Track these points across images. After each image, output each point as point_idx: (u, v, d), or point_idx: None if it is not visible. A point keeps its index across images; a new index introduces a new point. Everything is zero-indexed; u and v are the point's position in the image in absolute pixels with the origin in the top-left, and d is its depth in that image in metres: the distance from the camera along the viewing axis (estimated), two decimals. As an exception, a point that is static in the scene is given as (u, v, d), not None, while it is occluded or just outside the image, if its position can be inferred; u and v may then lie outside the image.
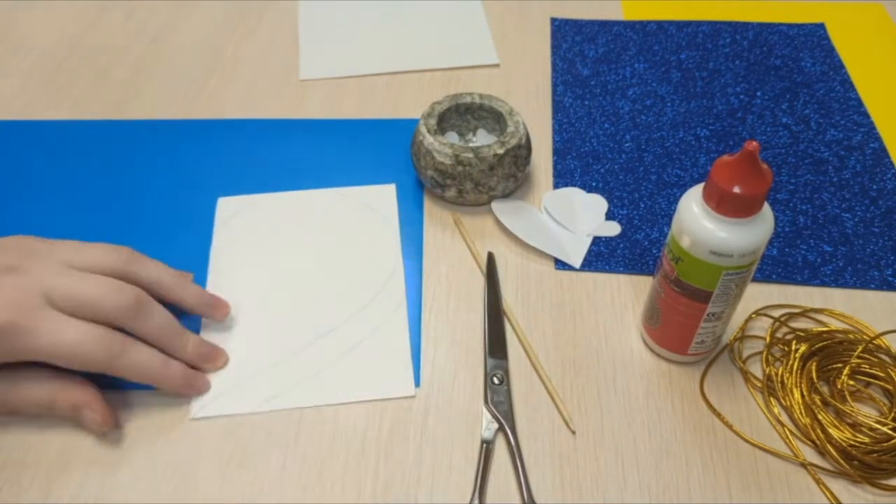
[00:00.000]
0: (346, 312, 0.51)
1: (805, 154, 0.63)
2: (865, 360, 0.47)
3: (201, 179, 0.60)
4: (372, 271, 0.53)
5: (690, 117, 0.66)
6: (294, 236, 0.56)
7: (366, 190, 0.59)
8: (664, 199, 0.59)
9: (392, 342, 0.49)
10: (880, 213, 0.58)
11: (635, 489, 0.43)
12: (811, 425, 0.44)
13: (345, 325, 0.50)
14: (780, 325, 0.50)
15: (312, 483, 0.43)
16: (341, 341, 0.49)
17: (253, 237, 0.56)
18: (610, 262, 0.54)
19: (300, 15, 0.77)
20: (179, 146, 0.63)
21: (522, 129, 0.57)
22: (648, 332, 0.49)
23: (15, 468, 0.43)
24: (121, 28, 0.75)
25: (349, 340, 0.49)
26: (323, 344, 0.49)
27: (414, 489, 0.43)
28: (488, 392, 0.46)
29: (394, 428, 0.45)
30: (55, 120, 0.65)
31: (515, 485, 0.43)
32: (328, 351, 0.49)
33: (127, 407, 0.46)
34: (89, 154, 0.62)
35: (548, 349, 0.49)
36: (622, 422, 0.46)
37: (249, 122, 0.65)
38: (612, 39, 0.74)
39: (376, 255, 0.54)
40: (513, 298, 0.52)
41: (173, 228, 0.56)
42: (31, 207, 0.58)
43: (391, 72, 0.70)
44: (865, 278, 0.54)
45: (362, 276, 0.53)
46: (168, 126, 0.65)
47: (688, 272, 0.42)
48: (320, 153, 0.62)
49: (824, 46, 0.73)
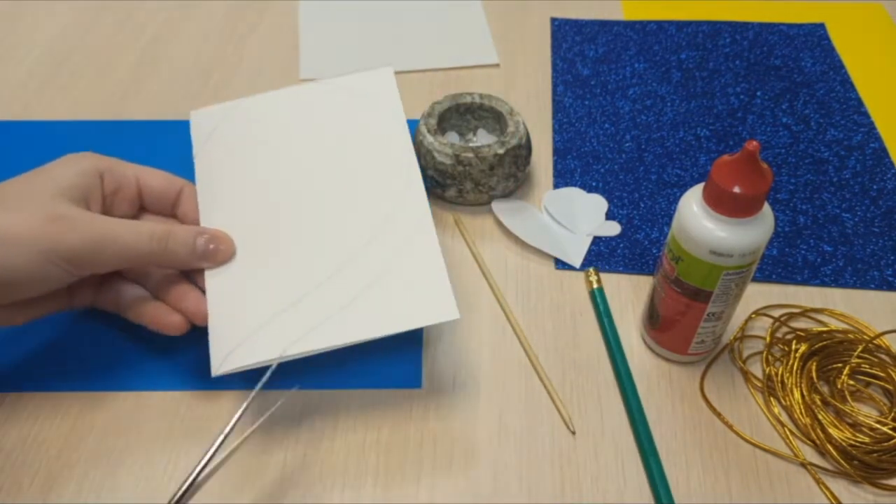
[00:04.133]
0: (366, 233, 0.44)
1: (805, 154, 0.63)
2: (865, 360, 0.47)
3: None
4: (386, 179, 0.46)
5: (690, 117, 0.66)
6: (288, 147, 0.49)
7: (360, 78, 0.51)
8: (664, 199, 0.59)
9: (423, 263, 0.43)
10: (880, 213, 0.58)
11: (635, 489, 0.43)
12: (811, 425, 0.44)
13: (367, 248, 0.44)
14: (780, 325, 0.50)
15: (312, 483, 0.43)
16: (365, 268, 0.43)
17: (240, 156, 0.49)
18: (610, 262, 0.54)
19: (300, 14, 0.77)
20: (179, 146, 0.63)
21: (522, 129, 0.57)
22: (648, 332, 0.49)
23: (15, 468, 0.43)
24: (121, 28, 0.75)
25: (374, 266, 0.43)
26: (345, 273, 0.43)
27: (414, 489, 0.43)
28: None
29: (394, 428, 0.45)
30: (55, 120, 0.65)
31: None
32: (352, 280, 0.43)
33: (127, 407, 0.46)
34: (89, 154, 0.62)
35: (548, 349, 0.49)
36: (622, 422, 0.46)
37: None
38: (612, 39, 0.74)
39: (386, 157, 0.47)
40: (513, 298, 0.52)
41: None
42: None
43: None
44: (865, 278, 0.53)
45: (376, 185, 0.46)
46: (168, 126, 0.65)
47: (688, 272, 0.42)
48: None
49: (824, 46, 0.73)
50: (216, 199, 0.47)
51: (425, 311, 0.41)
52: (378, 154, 0.48)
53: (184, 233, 0.44)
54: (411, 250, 0.43)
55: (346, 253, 0.44)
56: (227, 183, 0.48)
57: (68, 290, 0.45)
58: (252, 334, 0.41)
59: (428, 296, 0.42)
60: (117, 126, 0.65)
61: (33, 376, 0.47)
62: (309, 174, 0.48)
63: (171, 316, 0.44)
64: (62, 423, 0.45)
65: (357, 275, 0.43)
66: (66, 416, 0.45)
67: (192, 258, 0.44)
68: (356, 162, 0.48)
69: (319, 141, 0.49)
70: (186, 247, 0.43)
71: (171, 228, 0.43)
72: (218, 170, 0.49)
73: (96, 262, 0.41)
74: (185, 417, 0.45)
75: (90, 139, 0.63)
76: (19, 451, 0.44)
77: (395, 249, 0.44)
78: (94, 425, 0.45)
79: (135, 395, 0.46)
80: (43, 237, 0.38)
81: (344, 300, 0.42)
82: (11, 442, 0.44)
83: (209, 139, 0.50)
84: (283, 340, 0.41)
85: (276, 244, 0.45)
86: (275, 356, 0.41)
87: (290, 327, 0.41)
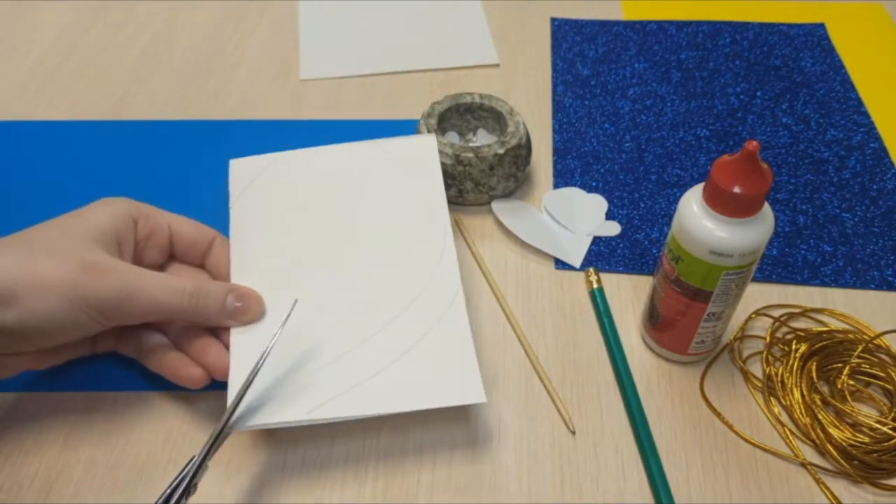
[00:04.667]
0: (398, 303, 0.44)
1: (805, 154, 0.63)
2: (865, 360, 0.47)
3: (201, 180, 0.60)
4: (421, 249, 0.46)
5: (690, 117, 0.66)
6: (326, 207, 0.48)
7: (403, 142, 0.51)
8: (664, 199, 0.59)
9: (453, 341, 0.43)
10: (880, 213, 0.58)
11: (635, 489, 0.43)
12: (811, 425, 0.44)
13: (397, 319, 0.44)
14: (780, 325, 0.50)
15: (312, 483, 0.43)
16: (395, 339, 0.43)
17: (278, 211, 0.48)
18: (610, 261, 0.54)
19: (300, 15, 0.77)
20: (179, 146, 0.63)
21: (522, 129, 0.57)
22: (648, 331, 0.49)
23: (15, 468, 0.43)
24: (121, 28, 0.75)
25: (405, 338, 0.43)
26: (374, 343, 0.43)
27: (414, 489, 0.43)
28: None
29: (394, 428, 0.45)
30: (55, 120, 0.65)
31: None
32: (381, 351, 0.42)
33: (127, 407, 0.46)
34: (89, 154, 0.62)
35: (548, 349, 0.49)
36: (622, 422, 0.46)
37: (249, 122, 0.65)
38: (612, 39, 0.74)
39: (422, 226, 0.47)
40: (513, 298, 0.52)
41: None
42: (31, 207, 0.57)
43: (391, 72, 0.70)
44: (865, 278, 0.53)
45: (411, 255, 0.46)
46: (168, 126, 0.65)
47: (688, 272, 0.42)
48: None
49: (824, 46, 0.73)
50: (249, 254, 0.46)
51: (452, 392, 0.41)
52: (415, 222, 0.48)
53: (216, 291, 0.43)
54: (441, 327, 0.43)
55: (377, 322, 0.43)
56: (261, 238, 0.47)
57: (92, 337, 0.44)
58: (276, 397, 0.41)
59: (456, 376, 0.42)
60: (117, 126, 0.65)
61: (34, 376, 0.47)
62: (345, 237, 0.47)
63: (192, 368, 0.43)
64: (62, 423, 0.45)
65: (386, 346, 0.43)
66: (67, 416, 0.45)
67: (221, 317, 0.43)
68: (392, 229, 0.47)
69: (358, 202, 0.48)
70: (217, 305, 0.42)
71: (203, 286, 0.42)
72: (253, 223, 0.48)
73: (126, 314, 0.40)
74: (185, 417, 0.45)
75: (90, 139, 0.63)
76: (19, 451, 0.44)
77: (426, 324, 0.43)
78: (93, 425, 0.45)
79: (135, 395, 0.46)
80: (74, 285, 0.38)
81: (372, 370, 0.42)
82: (11, 442, 0.44)
83: (247, 190, 0.49)
84: (307, 404, 0.40)
85: (306, 306, 0.43)
86: (299, 418, 0.40)
87: (315, 392, 0.41)
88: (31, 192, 0.59)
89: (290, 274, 0.46)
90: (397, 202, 0.49)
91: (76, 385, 0.47)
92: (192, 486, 0.37)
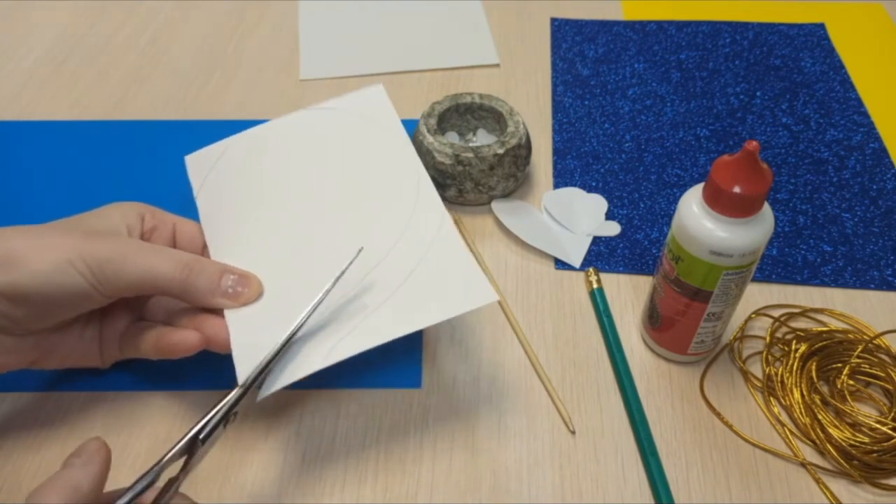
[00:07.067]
0: (387, 242, 0.44)
1: (805, 154, 0.63)
2: (865, 360, 0.47)
3: (201, 179, 0.60)
4: (396, 189, 0.46)
5: (690, 117, 0.66)
6: (291, 174, 0.48)
7: (351, 98, 0.51)
8: (664, 199, 0.59)
9: (450, 255, 0.43)
10: (880, 213, 0.58)
11: (635, 489, 0.43)
12: (811, 425, 0.44)
13: (390, 256, 0.43)
14: (779, 325, 0.50)
15: (312, 483, 0.43)
16: (393, 273, 0.42)
17: (244, 189, 0.48)
18: (610, 262, 0.54)
19: (300, 15, 0.77)
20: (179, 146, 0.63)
21: (522, 129, 0.57)
22: (648, 331, 0.49)
23: (15, 468, 0.43)
24: (121, 28, 0.75)
25: (402, 269, 0.42)
26: (374, 279, 0.42)
27: (414, 489, 0.43)
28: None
29: (393, 428, 0.45)
30: (55, 120, 0.65)
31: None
32: (382, 284, 0.42)
33: (127, 407, 0.46)
34: (89, 154, 0.62)
35: (548, 349, 0.49)
36: (622, 422, 0.46)
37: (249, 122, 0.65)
38: (612, 39, 0.74)
39: (392, 168, 0.47)
40: (513, 298, 0.52)
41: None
42: (31, 207, 0.57)
43: (391, 72, 0.70)
44: (865, 278, 0.54)
45: (388, 196, 0.46)
46: (168, 126, 0.65)
47: (688, 272, 0.42)
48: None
49: (824, 46, 0.73)
50: (225, 236, 0.46)
51: (463, 298, 0.40)
52: (383, 167, 0.47)
53: (211, 267, 0.43)
54: (436, 248, 0.43)
55: (371, 261, 0.43)
56: (233, 218, 0.47)
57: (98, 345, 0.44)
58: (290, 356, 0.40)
59: (462, 284, 0.41)
60: (117, 126, 0.65)
61: (34, 376, 0.47)
62: (317, 197, 0.47)
63: (185, 332, 0.42)
64: (62, 423, 0.45)
65: (386, 279, 0.42)
66: (67, 416, 0.45)
67: (212, 294, 0.42)
68: (362, 178, 0.47)
69: (321, 163, 0.48)
70: (210, 282, 0.42)
71: (199, 258, 0.43)
72: (222, 207, 0.48)
73: (120, 277, 0.40)
74: (185, 417, 0.45)
75: (90, 139, 0.63)
76: (19, 451, 0.44)
77: (419, 251, 0.43)
78: (94, 425, 0.45)
79: (135, 395, 0.46)
80: (74, 247, 0.39)
81: (378, 301, 0.41)
82: (12, 442, 0.44)
83: (207, 179, 0.49)
84: (321, 352, 0.39)
85: (296, 270, 0.43)
86: (318, 366, 0.39)
87: (327, 338, 0.40)
88: (31, 192, 0.59)
89: (271, 244, 0.45)
90: (361, 152, 0.48)
91: (76, 385, 0.47)
92: (233, 414, 0.38)
